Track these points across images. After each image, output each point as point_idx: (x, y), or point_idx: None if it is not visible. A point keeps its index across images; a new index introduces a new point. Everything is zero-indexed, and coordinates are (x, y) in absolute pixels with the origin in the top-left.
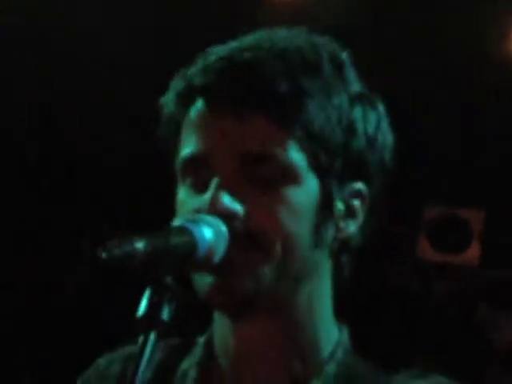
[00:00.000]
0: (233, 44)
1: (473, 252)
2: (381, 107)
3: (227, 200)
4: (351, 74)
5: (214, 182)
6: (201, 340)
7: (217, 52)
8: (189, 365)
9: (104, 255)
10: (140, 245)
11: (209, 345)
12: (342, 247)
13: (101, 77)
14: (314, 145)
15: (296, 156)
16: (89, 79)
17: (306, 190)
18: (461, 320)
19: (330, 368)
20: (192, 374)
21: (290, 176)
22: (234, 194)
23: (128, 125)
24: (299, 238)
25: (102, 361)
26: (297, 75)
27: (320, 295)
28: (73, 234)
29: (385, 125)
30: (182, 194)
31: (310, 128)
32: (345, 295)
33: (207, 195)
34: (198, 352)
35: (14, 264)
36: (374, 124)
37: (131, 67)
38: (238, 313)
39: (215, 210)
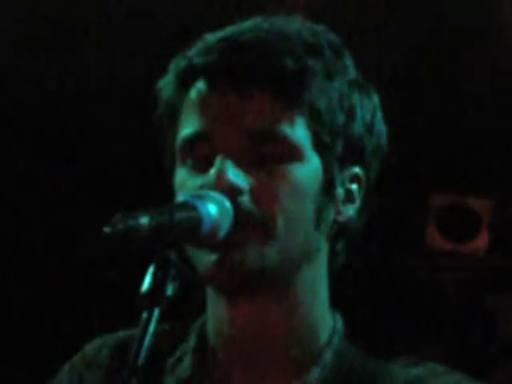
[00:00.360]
0: (231, 28)
1: (481, 241)
2: (375, 97)
3: (232, 176)
4: (349, 60)
5: (220, 158)
6: (193, 326)
7: (216, 35)
8: (182, 352)
9: (108, 230)
10: (144, 220)
11: (202, 331)
12: (339, 232)
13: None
14: (318, 124)
15: (301, 134)
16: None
17: (310, 170)
18: (468, 310)
19: (328, 355)
20: (187, 361)
21: (296, 154)
22: (238, 171)
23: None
24: (302, 219)
25: (89, 348)
26: (300, 54)
27: (318, 281)
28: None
29: (379, 114)
30: (182, 174)
31: (314, 107)
32: (350, 282)
33: (212, 171)
34: (191, 338)
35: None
36: (371, 111)
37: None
38: (239, 292)
39: (220, 185)
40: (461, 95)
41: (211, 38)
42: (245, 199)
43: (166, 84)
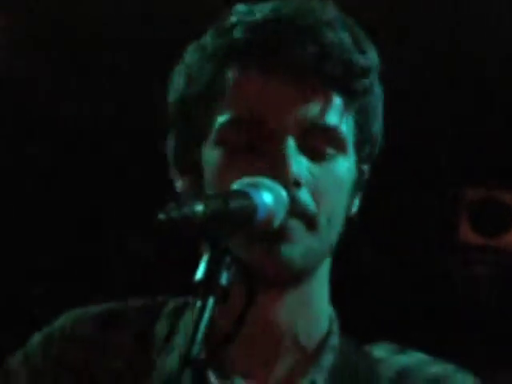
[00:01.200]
0: (268, 6)
1: None
2: None
3: (296, 168)
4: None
5: (287, 147)
6: (172, 302)
7: (258, 11)
8: (163, 328)
9: (162, 217)
10: (199, 208)
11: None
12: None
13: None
14: (361, 122)
15: (350, 130)
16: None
17: (350, 166)
18: (500, 304)
19: (334, 341)
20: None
21: (343, 149)
22: (301, 162)
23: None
24: (340, 213)
25: (66, 321)
26: (362, 48)
27: (328, 271)
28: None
29: None
30: (218, 155)
31: (363, 105)
32: (383, 279)
33: (276, 160)
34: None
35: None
36: (382, 116)
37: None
38: (282, 283)
39: (283, 176)
40: (491, 89)
41: (254, 13)
42: (302, 192)
43: (202, 59)
